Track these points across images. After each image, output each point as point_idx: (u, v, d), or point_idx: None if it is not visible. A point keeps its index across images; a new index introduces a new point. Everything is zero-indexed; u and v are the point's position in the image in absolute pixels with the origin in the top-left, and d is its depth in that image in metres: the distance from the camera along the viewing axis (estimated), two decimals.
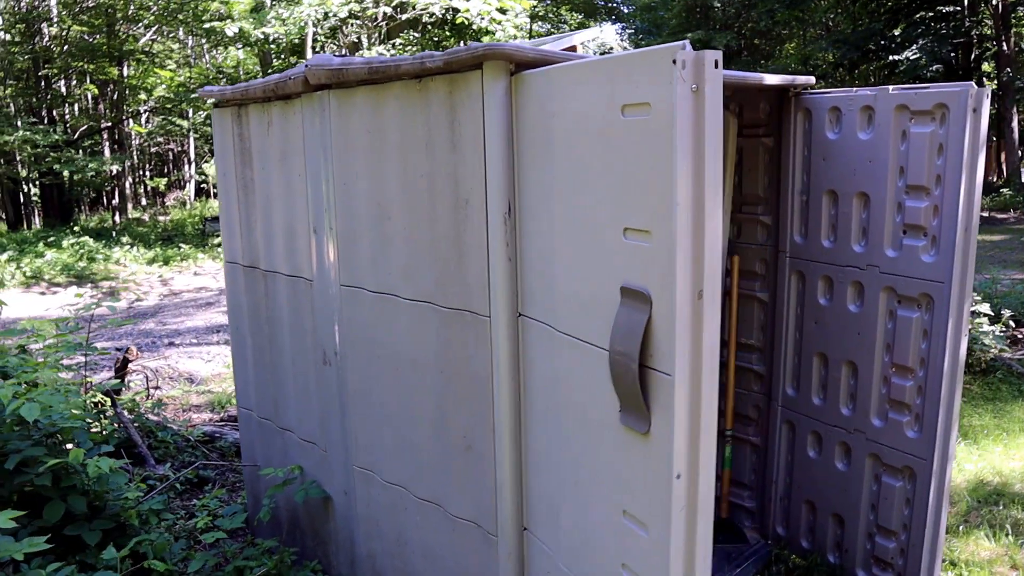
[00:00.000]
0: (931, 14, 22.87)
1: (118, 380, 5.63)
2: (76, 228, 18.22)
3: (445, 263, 2.86)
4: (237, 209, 4.09)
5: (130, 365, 6.12)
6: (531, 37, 28.19)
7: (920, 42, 21.62)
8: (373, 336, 3.27)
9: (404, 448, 3.24)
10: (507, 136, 2.54)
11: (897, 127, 3.40)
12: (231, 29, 12.60)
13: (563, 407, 2.47)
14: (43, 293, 13.08)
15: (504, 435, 2.76)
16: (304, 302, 3.69)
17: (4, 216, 24.98)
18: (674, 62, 1.77)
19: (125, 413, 5.20)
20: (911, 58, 21.37)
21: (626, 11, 29.87)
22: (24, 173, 23.61)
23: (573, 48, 4.39)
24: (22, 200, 25.39)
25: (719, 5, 29.51)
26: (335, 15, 12.55)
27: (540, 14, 29.04)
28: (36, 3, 22.87)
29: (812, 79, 3.81)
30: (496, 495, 2.82)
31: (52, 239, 16.42)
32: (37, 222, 24.62)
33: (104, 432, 5.25)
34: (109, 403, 5.41)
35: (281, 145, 3.64)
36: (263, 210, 3.88)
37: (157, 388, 6.50)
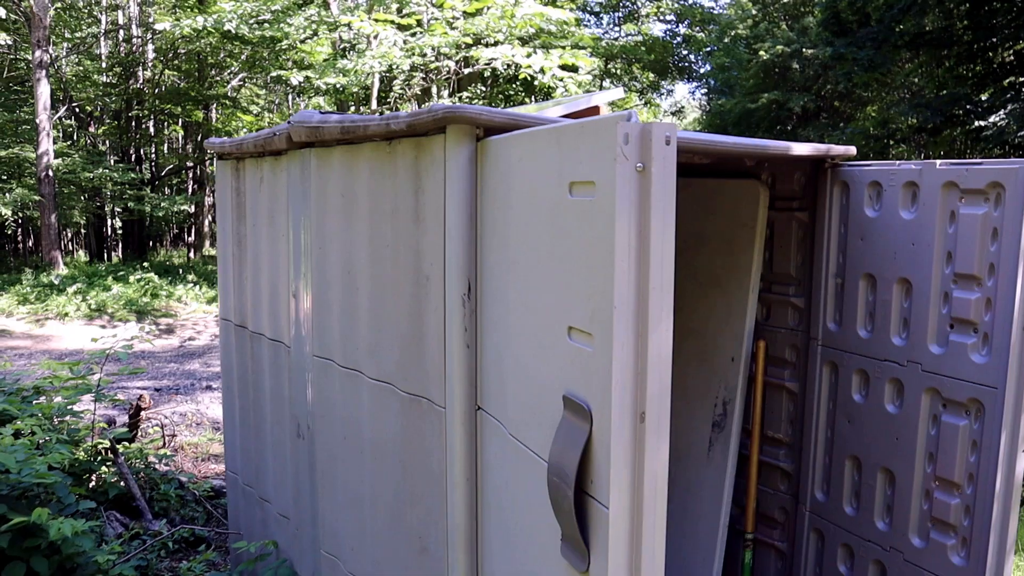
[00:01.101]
0: (1023, 79, 21.83)
1: (125, 428, 5.52)
2: (146, 264, 18.80)
3: (406, 343, 2.58)
4: (232, 264, 3.93)
5: (143, 413, 6.03)
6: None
7: (1009, 107, 20.59)
8: (342, 414, 3.01)
9: (365, 539, 2.94)
10: (469, 208, 2.27)
11: (945, 207, 2.99)
12: (296, 78, 12.91)
13: (512, 522, 2.13)
14: (104, 326, 13.39)
15: (458, 543, 2.42)
16: (283, 369, 3.46)
17: (88, 248, 26.10)
18: (627, 137, 1.47)
19: (124, 463, 5.05)
20: (998, 124, 20.34)
21: (701, 71, 29.60)
22: (109, 208, 24.68)
23: (596, 110, 4.13)
24: (106, 234, 26.52)
25: (797, 66, 28.95)
26: (399, 67, 12.68)
27: (613, 72, 29.09)
28: (135, 48, 24.15)
29: (852, 149, 3.43)
30: None
31: (121, 273, 16.93)
32: (118, 256, 25.64)
33: (104, 484, 5.12)
34: (112, 452, 5.28)
35: (269, 203, 3.47)
36: (253, 268, 3.70)
37: (173, 436, 6.39)
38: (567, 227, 1.73)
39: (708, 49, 27.63)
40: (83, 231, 25.92)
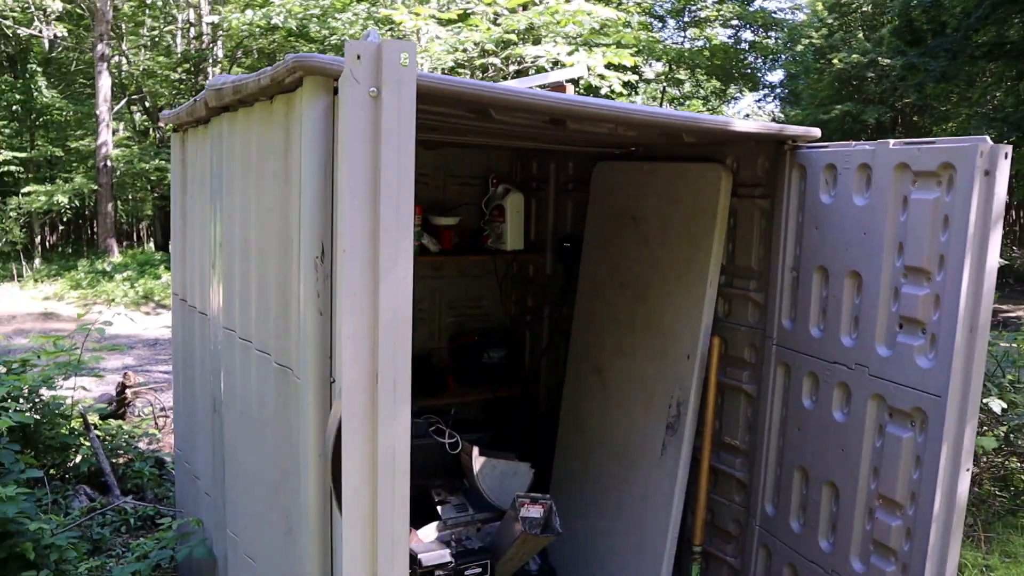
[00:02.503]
0: None
1: (105, 405, 5.57)
2: None
3: (279, 311, 2.44)
4: (178, 238, 3.88)
5: (128, 391, 6.07)
6: (662, 101, 27.72)
7: None
8: (241, 387, 2.89)
9: (253, 519, 2.81)
10: (323, 165, 2.11)
11: (897, 191, 2.68)
12: None
13: None
14: (148, 313, 13.75)
15: (311, 527, 2.26)
16: (209, 342, 3.37)
17: (154, 239, 27.03)
18: (358, 57, 1.29)
19: (96, 438, 5.08)
20: None
21: (767, 79, 28.80)
22: None
23: (562, 87, 3.95)
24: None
25: (872, 76, 27.84)
26: (441, 64, 12.64)
27: (678, 78, 28.56)
28: (204, 45, 24.90)
29: (816, 131, 3.14)
30: None
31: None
32: None
33: (79, 458, 5.15)
34: (97, 424, 5.32)
35: (200, 172, 3.39)
36: (189, 240, 3.64)
37: (166, 415, 6.43)
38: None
39: (776, 57, 26.88)
40: (154, 222, 26.84)
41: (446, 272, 4.95)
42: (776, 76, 30.40)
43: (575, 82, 14.90)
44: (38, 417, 4.88)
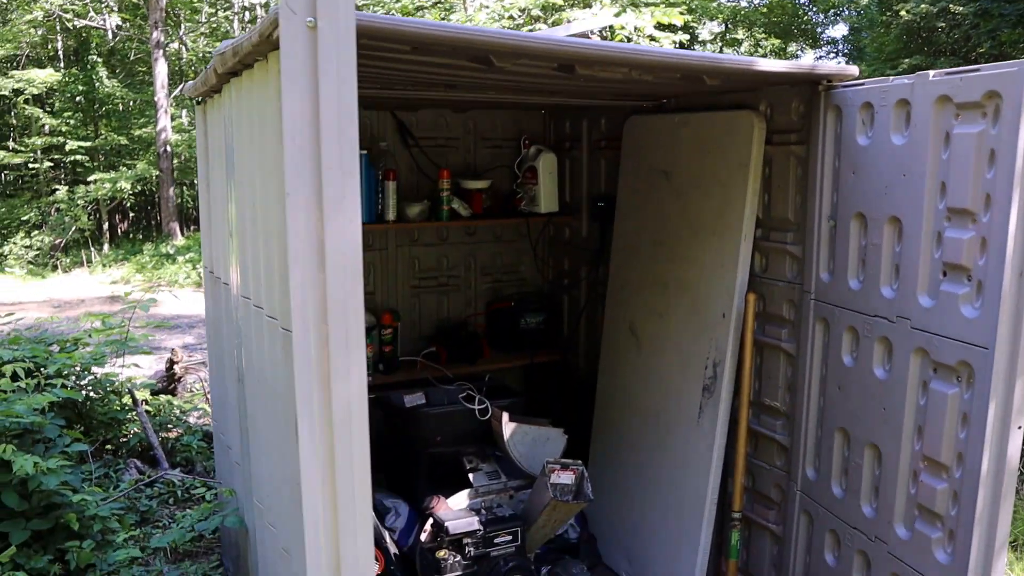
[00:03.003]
0: None
1: (154, 382, 5.69)
2: None
3: (281, 274, 2.39)
4: (206, 210, 3.88)
5: (176, 367, 6.20)
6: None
7: None
8: (256, 354, 2.87)
9: (272, 488, 2.79)
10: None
11: (938, 127, 2.46)
12: None
13: None
14: None
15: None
16: (232, 312, 3.37)
17: None
18: None
19: (144, 413, 5.19)
20: None
21: (826, 34, 27.61)
22: None
23: (587, 37, 3.82)
24: None
25: (943, 25, 26.42)
26: None
27: (737, 39, 27.67)
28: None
29: (854, 69, 2.91)
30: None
31: None
32: None
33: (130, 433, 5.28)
34: (147, 400, 5.45)
35: (217, 142, 3.37)
36: (214, 212, 3.63)
37: None
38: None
39: (839, 10, 25.74)
40: None
41: (480, 237, 4.86)
42: (838, 31, 29.11)
43: (628, 42, 14.53)
44: (91, 394, 5.00)
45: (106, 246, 18.29)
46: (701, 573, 3.49)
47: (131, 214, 20.73)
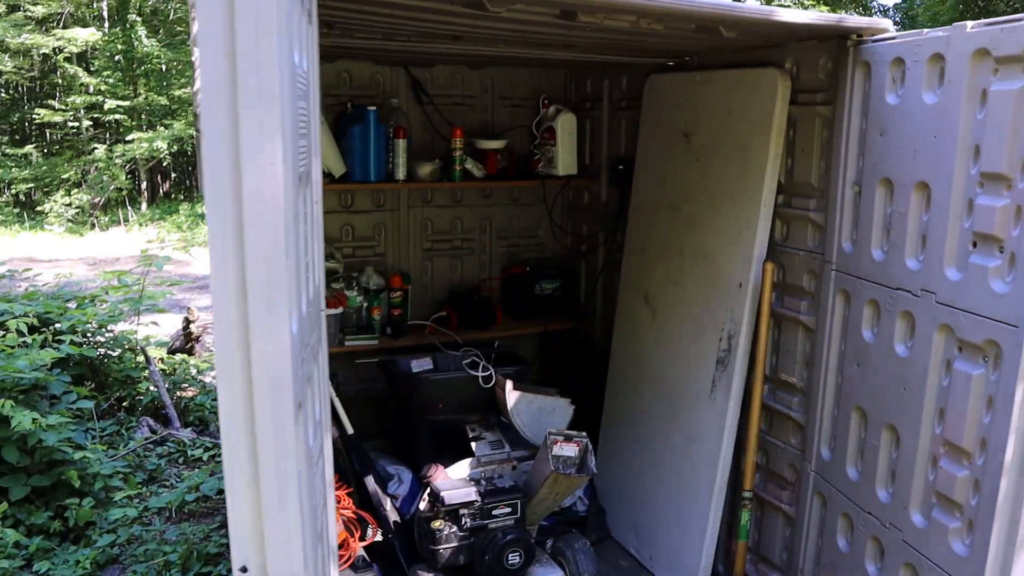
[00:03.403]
0: None
1: (169, 340, 5.69)
2: None
3: None
4: None
5: (192, 326, 6.19)
6: None
7: None
8: None
9: None
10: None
11: (974, 84, 2.24)
12: None
13: None
14: None
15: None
16: None
17: None
18: None
19: (157, 372, 5.19)
20: None
21: (881, 3, 26.52)
22: None
23: None
24: None
25: None
26: None
27: (784, 4, 26.71)
28: None
29: (886, 22, 2.68)
30: None
31: None
32: None
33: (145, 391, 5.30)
34: (162, 358, 5.45)
35: None
36: None
37: None
38: None
39: None
40: None
41: (496, 199, 4.71)
42: None
43: None
44: (104, 351, 5.01)
45: (144, 205, 18.50)
46: (709, 552, 3.37)
47: (172, 174, 20.92)
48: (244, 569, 1.25)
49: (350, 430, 3.56)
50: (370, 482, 3.49)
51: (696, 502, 3.41)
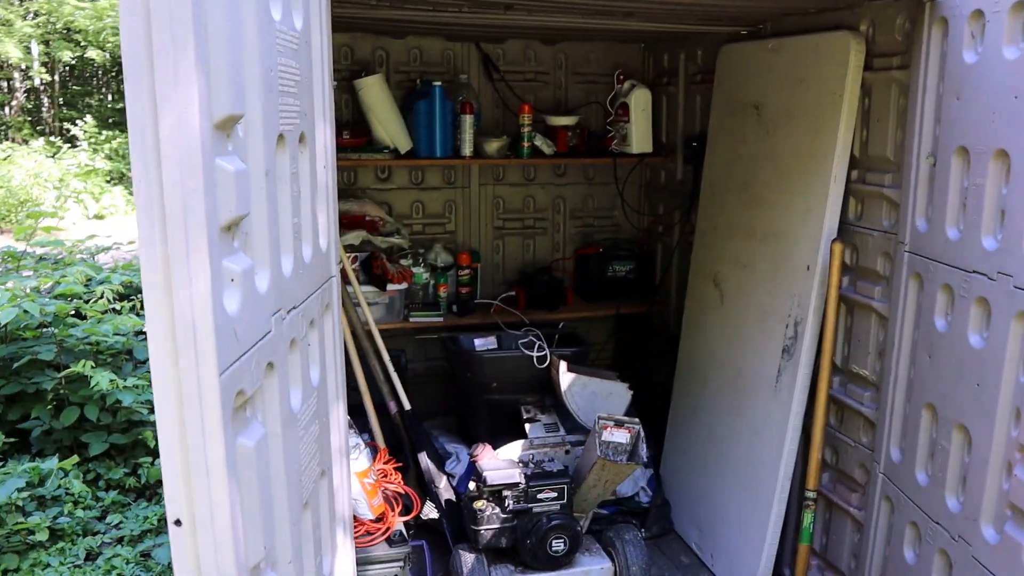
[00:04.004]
0: None
1: None
2: None
3: None
4: None
5: None
6: None
7: None
8: None
9: None
10: None
11: None
12: None
13: None
14: None
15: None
16: None
17: None
18: None
19: None
20: None
21: None
22: None
23: None
24: None
25: None
26: None
27: None
28: None
29: None
30: None
31: None
32: None
33: None
34: None
35: None
36: None
37: None
38: None
39: None
40: None
41: (570, 178, 4.60)
42: None
43: None
44: None
45: None
46: (769, 554, 3.16)
47: None
48: (178, 522, 1.26)
49: (407, 405, 3.58)
50: (423, 458, 3.49)
51: (757, 500, 3.20)
